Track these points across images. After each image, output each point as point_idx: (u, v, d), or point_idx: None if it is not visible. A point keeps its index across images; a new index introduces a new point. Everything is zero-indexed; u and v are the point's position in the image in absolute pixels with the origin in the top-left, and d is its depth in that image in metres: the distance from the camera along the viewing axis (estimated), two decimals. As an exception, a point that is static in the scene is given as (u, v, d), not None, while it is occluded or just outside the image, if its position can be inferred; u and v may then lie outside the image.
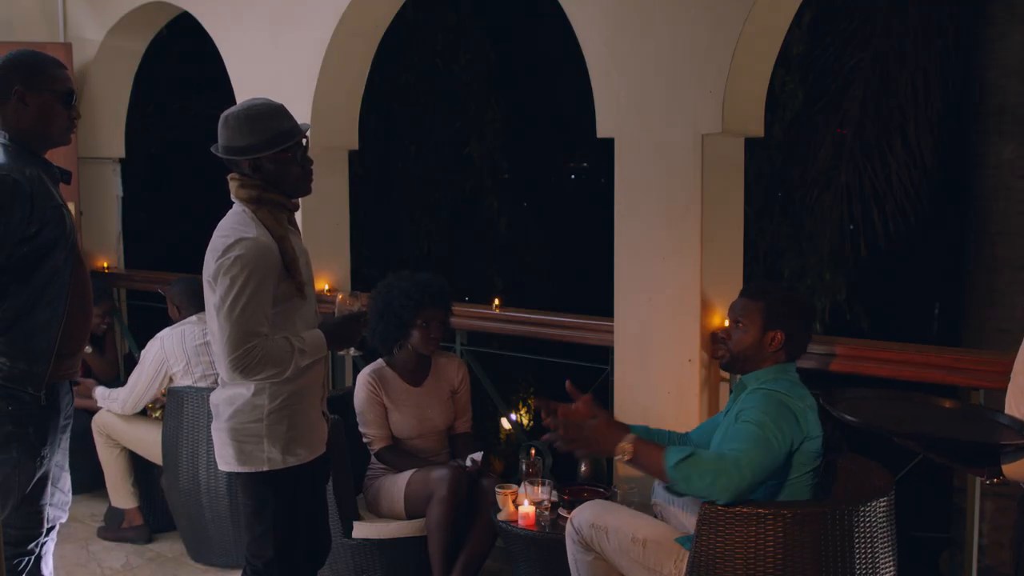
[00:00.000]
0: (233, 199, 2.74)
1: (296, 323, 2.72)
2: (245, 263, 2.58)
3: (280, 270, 2.66)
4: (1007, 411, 2.12)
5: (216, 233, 2.68)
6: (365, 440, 3.82)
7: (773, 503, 2.67)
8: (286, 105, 2.79)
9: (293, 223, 2.79)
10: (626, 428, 2.82)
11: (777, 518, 2.59)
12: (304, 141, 2.76)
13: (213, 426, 2.78)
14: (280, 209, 2.73)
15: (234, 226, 2.66)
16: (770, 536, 2.59)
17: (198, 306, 4.47)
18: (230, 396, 2.71)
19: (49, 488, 2.86)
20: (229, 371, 2.60)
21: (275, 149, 2.68)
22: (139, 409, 4.39)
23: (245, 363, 2.57)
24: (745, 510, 2.63)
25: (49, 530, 2.89)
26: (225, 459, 2.75)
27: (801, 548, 2.59)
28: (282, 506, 2.74)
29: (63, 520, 2.98)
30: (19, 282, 2.70)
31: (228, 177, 2.75)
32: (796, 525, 2.59)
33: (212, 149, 2.75)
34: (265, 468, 2.70)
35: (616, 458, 2.74)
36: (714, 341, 3.06)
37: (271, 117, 2.69)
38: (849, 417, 2.09)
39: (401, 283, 3.80)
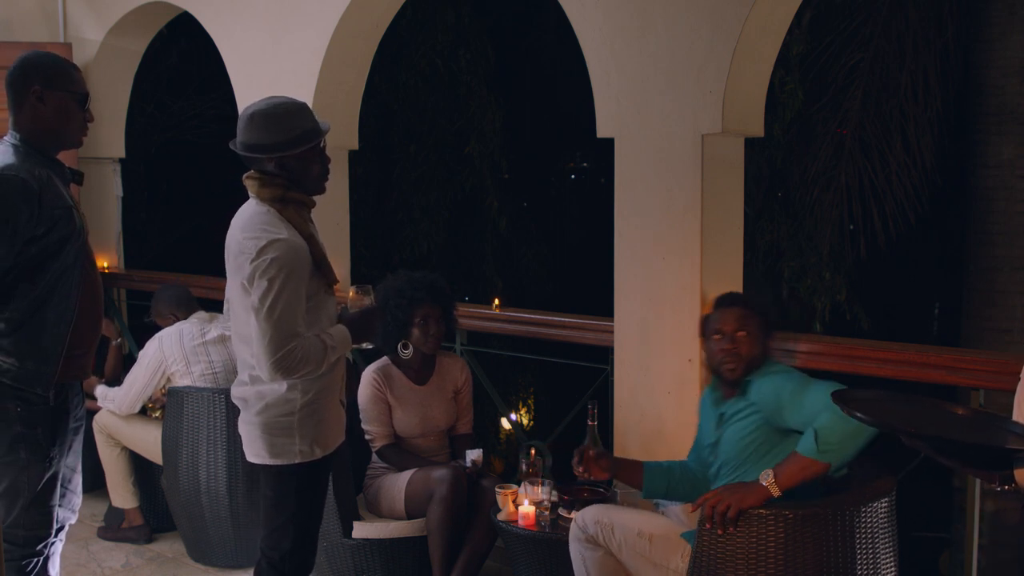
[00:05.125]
0: (254, 198, 2.72)
1: (322, 319, 2.75)
2: (281, 265, 2.59)
3: (311, 268, 2.68)
4: (1016, 413, 2.11)
5: (242, 234, 2.66)
6: (367, 437, 3.82)
7: (775, 504, 2.65)
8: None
9: (312, 221, 2.80)
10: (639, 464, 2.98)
11: (779, 519, 2.59)
12: (323, 141, 2.78)
13: (241, 419, 2.80)
14: (303, 207, 2.75)
15: (263, 227, 2.64)
16: (771, 537, 2.58)
17: (189, 308, 4.48)
18: (260, 391, 2.73)
19: (58, 489, 2.86)
20: (271, 372, 2.61)
21: (303, 147, 2.69)
22: (136, 410, 4.38)
23: (287, 364, 2.60)
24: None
25: (58, 531, 2.90)
26: (256, 452, 2.77)
27: (803, 549, 2.58)
28: (304, 497, 2.79)
29: (72, 521, 2.98)
30: (27, 282, 2.70)
31: (245, 177, 2.73)
32: (798, 526, 2.58)
33: (231, 146, 2.74)
34: (297, 461, 2.74)
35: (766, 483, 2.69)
36: (720, 361, 2.98)
37: (297, 115, 2.70)
38: (861, 415, 2.08)
39: (395, 282, 3.81)
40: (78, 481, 2.99)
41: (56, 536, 2.89)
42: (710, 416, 3.09)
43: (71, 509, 2.96)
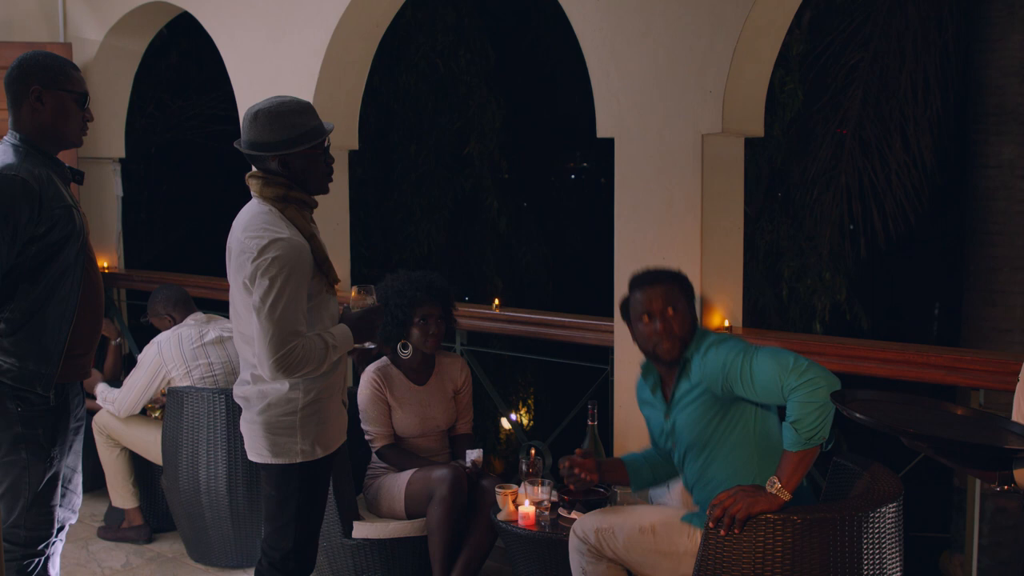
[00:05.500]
0: (256, 197, 2.73)
1: (324, 319, 2.76)
2: (283, 264, 2.60)
3: (312, 268, 2.69)
4: (1015, 412, 2.11)
5: (243, 234, 2.67)
6: (367, 438, 3.82)
7: (783, 509, 2.63)
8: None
9: (313, 221, 2.81)
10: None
11: (787, 524, 2.57)
12: (327, 140, 2.79)
13: (243, 418, 2.81)
14: (305, 207, 2.76)
15: (265, 226, 2.65)
16: (779, 542, 2.56)
17: (186, 309, 4.47)
18: (262, 390, 2.74)
19: (59, 489, 2.86)
20: (272, 371, 2.63)
21: (306, 145, 2.70)
22: (135, 412, 4.38)
23: (288, 363, 2.61)
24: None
25: (58, 531, 2.90)
26: (257, 451, 2.78)
27: (810, 554, 2.56)
28: (306, 497, 2.80)
29: (73, 521, 2.99)
30: (28, 282, 2.70)
31: (248, 176, 2.75)
32: (805, 531, 2.57)
33: (236, 144, 2.76)
34: (298, 460, 2.75)
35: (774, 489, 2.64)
36: (655, 343, 2.87)
37: (301, 114, 2.72)
38: (861, 416, 2.08)
39: (395, 282, 3.82)
40: (78, 481, 2.99)
41: (56, 536, 2.89)
42: (654, 405, 3.01)
43: (71, 509, 2.97)
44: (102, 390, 4.44)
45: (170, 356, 4.25)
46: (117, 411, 4.35)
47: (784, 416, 2.69)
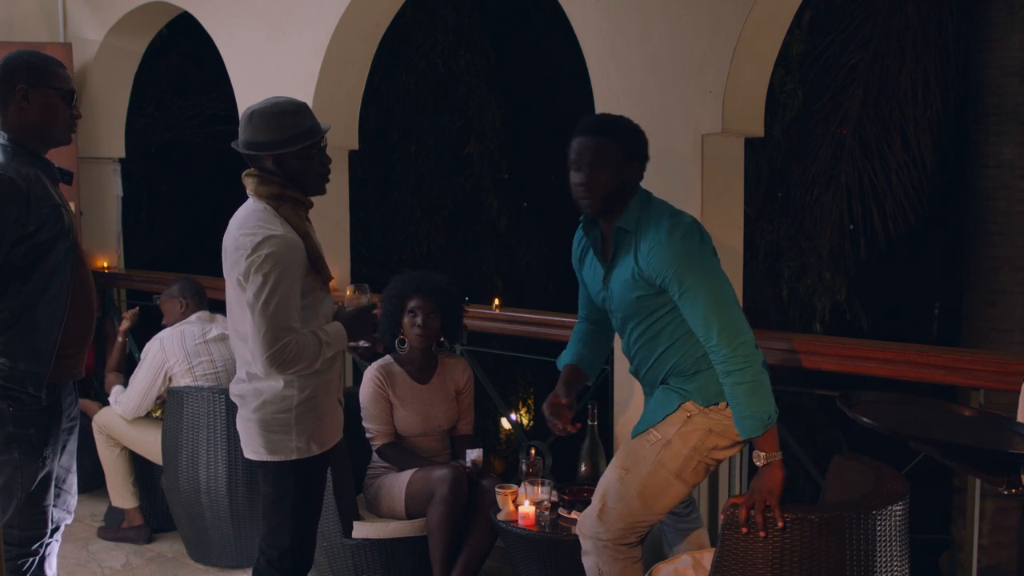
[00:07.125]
0: (251, 195, 2.75)
1: (319, 317, 2.78)
2: (276, 260, 2.62)
3: (306, 265, 2.70)
4: (1021, 413, 2.10)
5: (238, 231, 2.69)
6: (368, 436, 3.82)
7: (799, 507, 2.62)
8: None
9: (308, 220, 2.82)
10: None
11: (804, 523, 2.57)
12: (323, 141, 2.81)
13: (239, 415, 2.83)
14: (300, 206, 2.77)
15: (259, 223, 2.67)
16: (796, 540, 2.56)
17: (199, 303, 4.48)
18: (258, 388, 2.76)
19: (52, 489, 2.86)
20: (266, 366, 2.64)
21: (300, 145, 2.72)
22: (142, 413, 4.36)
23: (281, 358, 2.63)
24: (769, 515, 2.62)
25: (53, 531, 2.90)
26: (253, 448, 2.80)
27: (826, 552, 2.54)
28: (303, 494, 2.81)
29: (68, 521, 2.99)
30: (18, 281, 2.70)
31: (244, 174, 2.76)
32: (822, 529, 2.56)
33: (233, 145, 2.78)
34: (294, 457, 2.77)
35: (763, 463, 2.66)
36: (576, 195, 2.80)
37: (296, 114, 2.74)
38: (867, 420, 2.07)
39: (394, 281, 3.88)
40: (73, 481, 2.99)
41: (52, 536, 2.89)
42: (594, 264, 2.94)
43: (66, 510, 2.97)
44: (115, 392, 4.44)
45: (172, 351, 4.26)
46: (123, 412, 4.35)
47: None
